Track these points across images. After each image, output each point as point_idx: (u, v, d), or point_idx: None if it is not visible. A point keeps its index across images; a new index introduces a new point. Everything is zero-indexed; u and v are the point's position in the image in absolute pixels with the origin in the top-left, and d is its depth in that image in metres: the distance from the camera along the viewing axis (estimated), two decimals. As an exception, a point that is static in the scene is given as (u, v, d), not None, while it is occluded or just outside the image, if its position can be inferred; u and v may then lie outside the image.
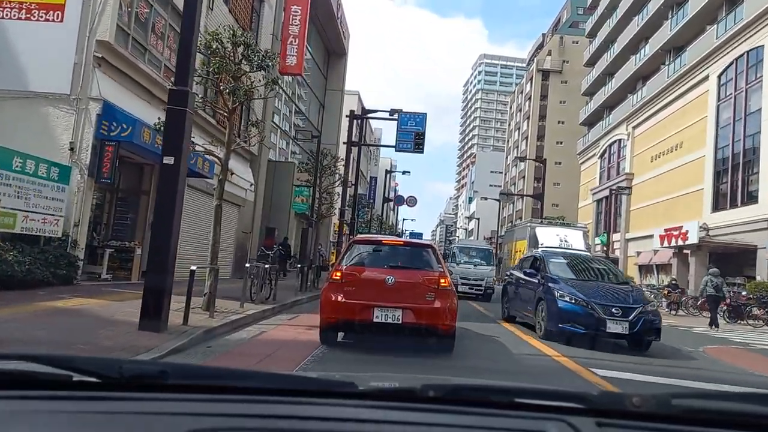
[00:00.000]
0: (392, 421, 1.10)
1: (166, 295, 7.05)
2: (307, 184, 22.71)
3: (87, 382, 1.13)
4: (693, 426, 1.13)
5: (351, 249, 8.02)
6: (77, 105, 11.35)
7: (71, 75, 11.39)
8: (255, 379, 1.26)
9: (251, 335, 8.26)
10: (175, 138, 7.16)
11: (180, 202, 7.21)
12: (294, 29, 23.62)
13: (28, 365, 1.16)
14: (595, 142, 48.99)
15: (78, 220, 11.36)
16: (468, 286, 21.17)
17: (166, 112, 7.22)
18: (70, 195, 11.13)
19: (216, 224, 9.57)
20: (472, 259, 22.22)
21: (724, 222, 27.80)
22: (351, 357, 7.19)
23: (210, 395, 1.14)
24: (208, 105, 9.25)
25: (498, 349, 8.85)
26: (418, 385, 1.19)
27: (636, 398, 1.14)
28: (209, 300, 9.04)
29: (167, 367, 1.25)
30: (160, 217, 7.23)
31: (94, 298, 9.61)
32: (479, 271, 21.65)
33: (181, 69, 7.27)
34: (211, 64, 8.90)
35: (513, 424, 1.11)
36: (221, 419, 1.04)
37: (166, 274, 7.04)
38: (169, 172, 7.13)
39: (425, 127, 23.13)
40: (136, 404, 1.09)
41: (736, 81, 28.98)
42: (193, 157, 14.97)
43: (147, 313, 6.95)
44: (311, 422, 1.07)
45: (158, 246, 7.13)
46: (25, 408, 1.05)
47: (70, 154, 11.27)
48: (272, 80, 9.34)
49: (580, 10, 74.67)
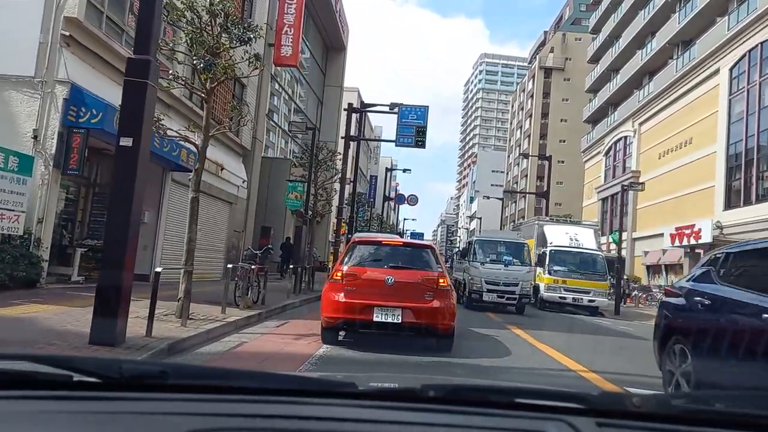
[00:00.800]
0: (392, 421, 1.10)
1: (124, 300, 5.93)
2: (301, 179, 21.57)
3: (87, 382, 1.13)
4: (693, 426, 1.11)
5: (352, 249, 8.08)
6: (42, 88, 10.23)
7: (36, 55, 10.25)
8: (255, 379, 1.27)
9: (227, 347, 7.14)
10: (134, 116, 6.05)
11: (140, 189, 6.10)
12: (289, 18, 22.52)
13: (29, 365, 1.16)
14: (600, 139, 47.94)
15: (42, 216, 10.23)
16: (497, 293, 15.90)
17: (123, 84, 6.10)
18: (34, 188, 10.01)
19: (192, 220, 8.44)
20: (501, 257, 16.74)
21: (738, 220, 26.71)
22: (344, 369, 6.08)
23: (210, 395, 1.14)
24: (180, 83, 8.09)
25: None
26: (418, 385, 1.21)
27: (636, 398, 1.15)
28: (183, 306, 7.92)
29: (167, 368, 1.25)
30: (116, 208, 6.12)
31: (53, 303, 8.49)
32: (512, 273, 16.11)
33: (142, 34, 6.16)
34: (184, 36, 7.77)
35: (513, 424, 1.11)
36: (221, 419, 1.04)
37: (123, 274, 5.91)
38: (127, 155, 6.01)
39: (427, 121, 21.98)
40: (136, 404, 1.10)
41: (749, 74, 27.88)
42: (176, 149, 13.87)
43: (99, 324, 5.82)
44: (311, 422, 1.07)
45: (113, 240, 6.02)
46: (26, 408, 1.05)
47: (34, 142, 10.14)
48: (255, 55, 8.21)
49: (582, 6, 73.67)
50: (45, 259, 10.27)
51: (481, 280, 16.01)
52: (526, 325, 12.48)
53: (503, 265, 16.25)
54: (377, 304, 7.19)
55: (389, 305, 7.20)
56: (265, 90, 23.56)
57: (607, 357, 9.10)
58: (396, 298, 7.25)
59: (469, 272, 16.73)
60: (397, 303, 7.22)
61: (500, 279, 15.99)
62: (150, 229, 15.03)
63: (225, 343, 7.38)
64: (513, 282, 15.97)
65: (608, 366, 7.96)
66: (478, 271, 16.25)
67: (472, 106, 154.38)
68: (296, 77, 32.32)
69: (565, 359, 7.96)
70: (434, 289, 7.42)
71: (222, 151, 18.85)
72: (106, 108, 10.54)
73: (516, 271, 16.20)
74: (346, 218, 24.20)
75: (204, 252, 18.29)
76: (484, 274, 16.13)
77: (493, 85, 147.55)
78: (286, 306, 12.38)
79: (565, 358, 8.09)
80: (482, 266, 16.34)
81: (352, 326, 7.55)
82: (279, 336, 8.45)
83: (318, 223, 31.33)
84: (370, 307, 7.19)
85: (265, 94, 23.60)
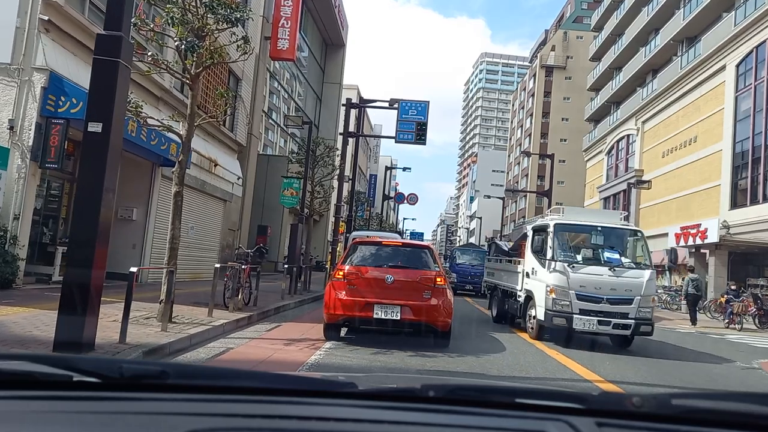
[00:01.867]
0: (392, 421, 1.11)
1: (92, 303, 5.32)
2: (297, 175, 20.93)
3: (87, 383, 1.13)
4: (693, 426, 1.12)
5: (353, 249, 8.41)
6: (19, 76, 9.61)
7: (12, 41, 9.64)
8: (255, 379, 1.28)
9: (211, 354, 6.53)
10: (104, 98, 5.43)
11: (111, 180, 5.48)
12: (286, 10, 21.90)
13: (29, 365, 1.16)
14: (602, 138, 47.31)
15: (19, 212, 9.60)
16: (599, 319, 9.47)
17: (93, 64, 5.48)
18: (9, 182, 9.40)
19: (175, 216, 7.82)
20: (603, 255, 10.13)
21: (744, 219, 26.14)
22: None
23: (210, 395, 1.15)
24: (162, 67, 7.46)
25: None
26: (418, 385, 1.21)
27: (636, 398, 1.14)
28: (165, 308, 7.31)
29: (167, 367, 1.23)
30: (83, 201, 5.49)
31: (26, 305, 7.88)
32: (624, 284, 9.67)
33: (113, 7, 5.55)
34: (165, 16, 7.15)
35: (513, 425, 1.11)
36: (221, 419, 1.04)
37: (92, 275, 5.29)
38: (96, 142, 5.39)
39: (428, 117, 21.30)
40: (136, 404, 1.09)
41: (756, 70, 27.28)
42: (164, 142, 13.27)
43: (65, 328, 5.22)
44: (311, 422, 1.07)
45: (80, 239, 5.39)
46: (26, 408, 1.05)
47: (10, 133, 9.53)
48: (243, 38, 7.59)
49: (584, 4, 73.05)
50: (22, 258, 9.65)
51: (568, 293, 9.59)
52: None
53: (608, 270, 9.76)
54: (377, 302, 7.58)
55: (389, 303, 7.58)
56: (261, 84, 22.94)
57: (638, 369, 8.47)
58: (395, 296, 7.63)
59: (542, 278, 10.13)
60: (397, 301, 7.59)
61: (605, 293, 9.62)
62: (138, 227, 14.43)
63: (209, 350, 6.77)
64: (627, 299, 9.65)
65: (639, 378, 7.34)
66: (564, 278, 9.63)
67: (472, 105, 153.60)
68: (294, 74, 31.72)
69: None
70: (432, 287, 7.79)
71: (216, 147, 18.24)
72: (88, 97, 9.91)
73: (631, 278, 9.79)
74: (344, 217, 23.57)
75: (197, 251, 17.68)
76: (576, 282, 9.60)
77: (494, 84, 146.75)
78: (279, 308, 11.77)
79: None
80: (572, 271, 9.65)
81: (352, 323, 7.99)
82: (269, 341, 7.84)
83: (316, 222, 30.70)
84: (371, 304, 7.58)
85: (261, 88, 22.98)
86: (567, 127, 67.43)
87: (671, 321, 19.64)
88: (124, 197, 13.68)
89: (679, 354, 10.17)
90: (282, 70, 29.23)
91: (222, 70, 17.33)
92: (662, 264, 34.11)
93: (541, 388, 1.34)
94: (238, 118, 19.89)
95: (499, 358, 7.67)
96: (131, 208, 14.33)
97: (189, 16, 7.38)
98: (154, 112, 12.15)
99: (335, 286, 7.87)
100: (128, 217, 14.28)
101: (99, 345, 5.54)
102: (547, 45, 75.02)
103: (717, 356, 10.33)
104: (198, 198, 17.25)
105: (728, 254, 26.93)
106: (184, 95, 14.77)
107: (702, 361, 9.46)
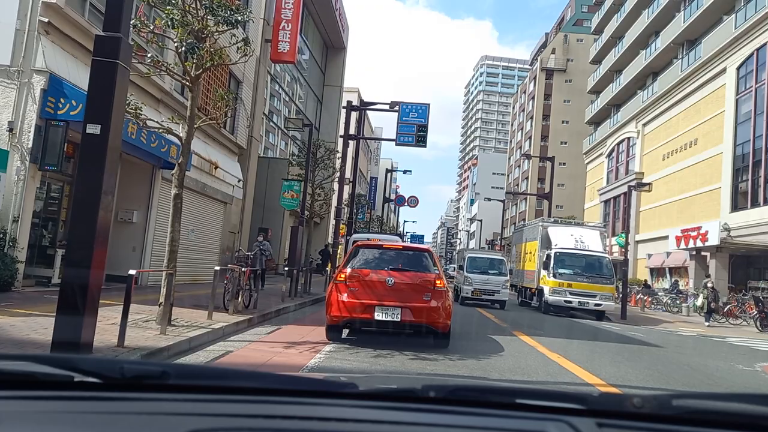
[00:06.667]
0: (393, 421, 1.11)
1: (90, 306, 5.27)
2: (298, 178, 20.89)
3: (88, 383, 1.13)
4: (693, 426, 1.12)
5: (355, 253, 8.51)
6: (18, 78, 9.59)
7: (12, 43, 9.62)
8: (256, 379, 1.27)
9: (210, 357, 6.49)
10: (103, 100, 5.40)
11: (110, 183, 5.44)
12: (287, 13, 21.89)
13: (30, 365, 1.16)
14: (602, 141, 47.30)
15: (18, 215, 9.57)
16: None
17: (91, 65, 5.46)
18: (9, 185, 9.37)
19: (174, 219, 7.79)
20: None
21: (745, 222, 26.09)
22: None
23: (211, 395, 1.15)
24: (162, 69, 7.44)
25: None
26: (419, 386, 1.21)
27: (636, 399, 1.14)
28: (164, 311, 7.27)
29: (168, 368, 1.24)
30: (82, 202, 5.45)
31: (24, 308, 7.84)
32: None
33: (113, 8, 5.52)
34: (165, 18, 7.12)
35: (513, 425, 1.11)
36: (222, 419, 1.04)
37: (90, 278, 5.25)
38: (94, 144, 5.36)
39: (428, 119, 21.27)
40: (137, 404, 1.10)
41: (757, 73, 27.27)
42: (165, 144, 13.25)
43: (62, 331, 5.18)
44: (312, 422, 1.07)
45: (78, 241, 5.35)
46: (26, 408, 1.05)
47: (9, 135, 9.50)
48: (243, 40, 7.57)
49: (584, 7, 73.03)
50: (21, 261, 9.62)
51: None
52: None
53: None
54: (378, 304, 7.69)
55: (389, 305, 7.69)
56: (262, 87, 22.94)
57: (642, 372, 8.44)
58: (396, 298, 7.74)
59: None
60: (397, 303, 7.70)
61: None
62: (139, 230, 14.40)
63: (208, 353, 6.73)
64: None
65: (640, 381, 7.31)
66: None
67: (472, 108, 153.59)
68: (295, 77, 31.72)
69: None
70: (432, 289, 7.88)
71: (216, 149, 18.22)
72: (87, 99, 9.89)
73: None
74: (345, 219, 23.52)
75: (198, 253, 17.64)
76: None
77: (494, 87, 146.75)
78: (280, 310, 11.74)
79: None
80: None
81: (354, 324, 8.07)
82: (269, 344, 7.80)
83: (317, 225, 30.67)
84: (372, 306, 7.69)
85: (261, 91, 22.98)
86: (567, 129, 67.42)
87: (672, 324, 19.59)
88: (124, 200, 13.66)
89: (681, 357, 10.14)
90: (283, 72, 29.22)
91: (222, 73, 17.33)
92: (662, 266, 34.14)
93: (541, 388, 1.35)
94: (239, 121, 19.88)
95: (500, 361, 7.63)
96: (131, 211, 14.30)
97: (189, 18, 7.36)
98: (154, 114, 12.12)
99: (337, 289, 7.98)
100: (128, 219, 14.25)
101: (97, 348, 5.50)
102: (548, 48, 75.05)
103: (718, 359, 10.31)
104: (198, 200, 17.23)
105: (729, 257, 26.90)
106: (184, 97, 14.75)
107: (703, 363, 9.43)
